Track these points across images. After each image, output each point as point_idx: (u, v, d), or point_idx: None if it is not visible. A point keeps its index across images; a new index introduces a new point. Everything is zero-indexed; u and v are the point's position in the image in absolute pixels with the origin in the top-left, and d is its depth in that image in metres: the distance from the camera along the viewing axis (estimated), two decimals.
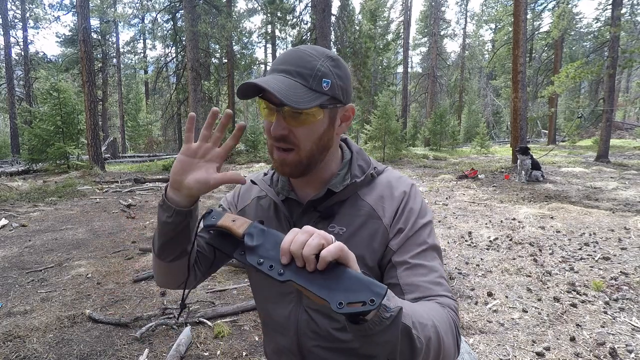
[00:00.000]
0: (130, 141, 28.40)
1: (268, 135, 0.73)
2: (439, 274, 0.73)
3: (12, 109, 20.84)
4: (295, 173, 0.74)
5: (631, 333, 2.43)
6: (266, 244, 0.55)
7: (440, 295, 0.69)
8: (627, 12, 19.04)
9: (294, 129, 0.70)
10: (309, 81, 0.68)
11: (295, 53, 0.71)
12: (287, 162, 0.72)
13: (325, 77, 0.69)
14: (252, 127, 19.90)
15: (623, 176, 9.12)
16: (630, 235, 4.34)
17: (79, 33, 12.12)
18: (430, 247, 0.74)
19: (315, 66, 0.69)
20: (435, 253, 0.75)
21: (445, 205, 6.49)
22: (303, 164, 0.73)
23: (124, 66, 30.63)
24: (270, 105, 0.69)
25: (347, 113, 0.77)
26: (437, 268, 0.73)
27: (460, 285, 3.30)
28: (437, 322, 0.61)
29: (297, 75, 0.68)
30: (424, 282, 0.70)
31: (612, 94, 12.34)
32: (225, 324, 2.66)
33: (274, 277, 0.52)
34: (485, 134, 19.48)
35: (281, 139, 0.70)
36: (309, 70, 0.68)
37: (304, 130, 0.70)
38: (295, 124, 0.69)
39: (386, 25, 31.10)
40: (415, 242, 0.73)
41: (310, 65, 0.69)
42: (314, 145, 0.72)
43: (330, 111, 0.72)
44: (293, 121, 0.69)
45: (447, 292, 0.71)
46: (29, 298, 3.12)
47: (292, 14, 15.79)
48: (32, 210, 6.50)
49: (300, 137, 0.70)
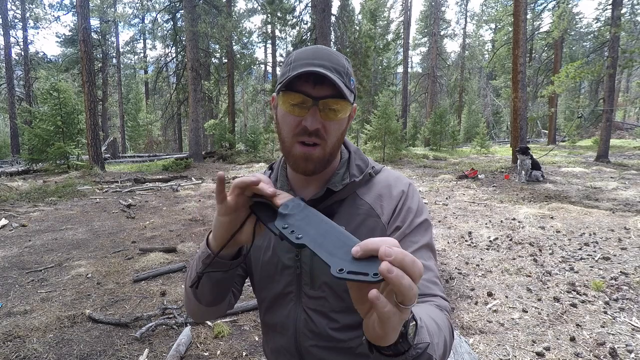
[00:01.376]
0: (130, 141, 28.39)
1: (289, 131, 0.72)
2: (435, 273, 0.73)
3: (12, 109, 20.83)
4: (318, 168, 0.74)
5: (631, 333, 2.43)
6: (297, 215, 0.57)
7: (436, 296, 0.70)
8: (627, 12, 19.03)
9: (326, 123, 0.71)
10: (344, 78, 0.71)
11: (324, 50, 0.72)
12: (313, 157, 0.72)
13: (352, 76, 0.74)
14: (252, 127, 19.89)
15: (623, 176, 9.12)
16: (630, 235, 4.34)
17: (79, 33, 12.11)
18: (425, 245, 0.75)
19: (344, 65, 0.72)
20: (431, 252, 0.76)
21: (445, 205, 6.49)
22: (326, 159, 0.74)
23: (124, 66, 30.60)
24: (307, 100, 0.69)
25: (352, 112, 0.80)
26: (432, 267, 0.74)
27: (460, 285, 3.30)
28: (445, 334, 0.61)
29: (335, 71, 0.69)
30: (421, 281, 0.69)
31: (612, 94, 12.34)
32: (225, 324, 2.66)
33: (292, 241, 0.53)
34: (485, 134, 19.49)
35: (314, 133, 0.70)
36: (343, 68, 0.71)
37: (334, 125, 0.72)
38: (328, 118, 0.71)
39: (386, 25, 31.09)
40: (411, 239, 0.74)
41: (341, 63, 0.71)
42: (337, 141, 0.74)
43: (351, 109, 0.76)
44: (327, 116, 0.70)
45: (442, 293, 0.72)
46: (29, 298, 3.12)
47: (292, 14, 15.78)
48: (32, 210, 6.50)
49: (330, 132, 0.72)
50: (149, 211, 6.57)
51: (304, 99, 0.69)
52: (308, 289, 0.78)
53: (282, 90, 0.71)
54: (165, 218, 6.00)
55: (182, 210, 6.53)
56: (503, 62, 23.50)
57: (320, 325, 0.78)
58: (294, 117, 0.71)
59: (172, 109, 22.33)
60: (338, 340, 0.77)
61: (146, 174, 11.91)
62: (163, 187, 9.21)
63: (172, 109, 22.33)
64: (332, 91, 0.69)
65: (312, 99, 0.69)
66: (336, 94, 0.69)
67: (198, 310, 0.78)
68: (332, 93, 0.69)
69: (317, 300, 0.77)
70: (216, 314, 0.82)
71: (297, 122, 0.71)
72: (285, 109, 0.72)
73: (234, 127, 19.59)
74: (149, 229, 5.32)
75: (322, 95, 0.69)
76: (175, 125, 27.94)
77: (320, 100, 0.69)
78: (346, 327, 0.77)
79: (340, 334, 0.77)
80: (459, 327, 2.62)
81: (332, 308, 0.77)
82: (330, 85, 0.69)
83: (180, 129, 28.80)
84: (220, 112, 22.46)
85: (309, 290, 0.78)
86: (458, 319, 2.73)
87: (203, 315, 0.81)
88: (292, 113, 0.71)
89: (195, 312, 0.80)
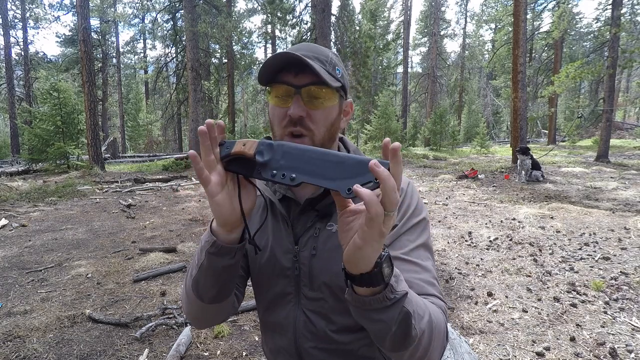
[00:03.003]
0: (130, 141, 28.40)
1: (278, 124, 0.72)
2: (432, 274, 0.72)
3: (12, 109, 20.82)
4: None
5: (631, 333, 2.43)
6: (275, 156, 0.57)
7: (432, 296, 0.69)
8: (627, 12, 19.03)
9: (311, 112, 0.70)
10: (326, 65, 0.71)
11: (306, 44, 0.74)
12: None
13: (337, 66, 0.73)
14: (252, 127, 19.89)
15: (623, 176, 9.12)
16: (630, 235, 4.34)
17: (79, 33, 12.11)
18: (422, 245, 0.74)
19: (328, 55, 0.73)
20: (428, 252, 0.75)
21: (445, 205, 6.49)
22: None
23: (124, 66, 30.62)
24: (290, 89, 0.69)
25: (347, 108, 0.79)
26: (429, 268, 0.73)
27: (460, 285, 3.30)
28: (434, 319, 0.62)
29: (316, 59, 0.70)
30: (417, 280, 0.69)
31: (612, 94, 12.34)
32: (225, 324, 2.66)
33: (288, 183, 0.54)
34: (485, 134, 19.48)
35: (299, 121, 0.70)
36: (325, 57, 0.72)
37: (320, 114, 0.71)
38: (313, 106, 0.70)
39: (386, 25, 31.10)
40: (407, 238, 0.73)
41: (324, 53, 0.73)
42: (327, 132, 0.73)
43: (340, 100, 0.75)
44: (311, 104, 0.70)
45: (439, 294, 0.71)
46: (29, 298, 3.12)
47: (292, 14, 15.78)
48: (32, 210, 6.50)
49: (317, 121, 0.71)
50: (149, 211, 6.57)
51: (287, 88, 0.70)
52: (307, 290, 0.77)
53: (270, 85, 0.72)
54: (165, 218, 6.00)
55: (182, 210, 6.53)
56: (503, 62, 23.51)
57: (319, 326, 0.77)
58: (281, 109, 0.71)
59: (172, 109, 22.31)
60: (338, 343, 0.77)
61: (146, 174, 11.90)
62: (163, 187, 9.21)
63: (172, 109, 22.31)
64: (313, 78, 0.68)
65: (294, 88, 0.69)
66: (317, 81, 0.68)
67: (200, 310, 0.74)
68: (313, 80, 0.68)
69: (316, 301, 0.77)
70: (219, 315, 0.78)
71: (284, 113, 0.71)
72: (273, 103, 0.72)
73: (234, 127, 19.59)
74: (149, 229, 5.32)
75: (304, 83, 0.68)
76: (175, 125, 27.91)
77: (302, 88, 0.68)
78: (345, 329, 0.77)
79: (339, 336, 0.77)
80: (459, 327, 2.62)
81: (331, 309, 0.76)
82: (311, 73, 0.68)
83: (180, 129, 28.79)
84: (220, 112, 22.48)
85: (308, 292, 0.77)
86: (458, 319, 2.73)
87: (206, 316, 0.76)
88: (279, 105, 0.71)
89: (197, 314, 0.76)
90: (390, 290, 0.53)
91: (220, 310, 0.76)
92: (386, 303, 0.53)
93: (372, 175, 0.47)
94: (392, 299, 0.53)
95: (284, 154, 0.56)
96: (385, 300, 0.53)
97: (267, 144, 0.58)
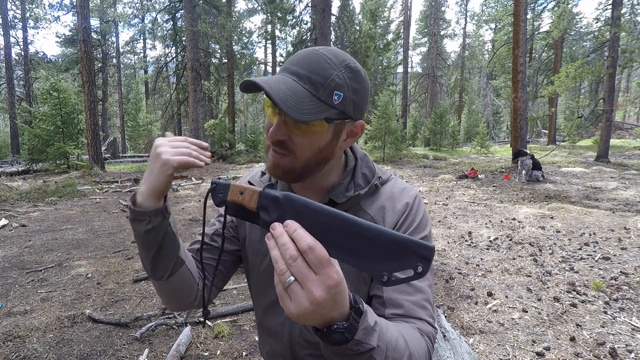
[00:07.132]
0: (130, 141, 28.38)
1: (266, 133, 0.69)
2: (426, 296, 0.69)
3: (12, 109, 20.83)
4: (287, 178, 0.70)
5: (631, 333, 2.43)
6: (285, 216, 0.48)
7: (421, 319, 0.67)
8: (627, 12, 19.03)
9: (294, 136, 0.65)
10: (319, 91, 0.62)
11: (313, 55, 0.64)
12: (280, 165, 0.67)
13: (338, 90, 0.63)
14: (252, 127, 19.87)
15: (623, 176, 9.12)
16: (630, 235, 4.34)
17: (79, 33, 12.11)
18: None
19: (330, 75, 0.62)
20: None
21: (445, 205, 6.49)
22: (296, 171, 0.68)
23: (124, 66, 30.60)
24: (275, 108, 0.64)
25: (356, 129, 0.71)
26: (424, 290, 0.69)
27: (460, 285, 3.30)
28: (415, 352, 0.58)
29: (308, 81, 0.62)
30: (407, 302, 0.67)
31: (612, 94, 12.35)
32: (225, 324, 2.66)
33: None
34: (485, 134, 19.49)
35: (278, 144, 0.66)
36: (322, 79, 0.62)
37: (304, 140, 0.65)
38: (297, 132, 0.64)
39: (386, 25, 31.11)
40: None
41: (325, 73, 0.62)
42: (312, 156, 0.67)
43: (336, 125, 0.67)
44: (294, 129, 0.64)
45: (430, 318, 0.68)
46: (29, 298, 3.12)
47: (292, 14, 15.79)
48: (32, 210, 6.50)
49: (299, 146, 0.66)
50: None
51: (272, 105, 0.65)
52: None
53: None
54: None
55: (182, 210, 6.53)
56: (503, 62, 23.50)
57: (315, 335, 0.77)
58: (270, 122, 0.67)
59: (172, 109, 22.32)
60: None
61: None
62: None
63: (172, 109, 22.32)
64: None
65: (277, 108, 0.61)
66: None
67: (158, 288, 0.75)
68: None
69: None
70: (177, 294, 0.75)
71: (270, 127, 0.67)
72: (266, 113, 0.69)
73: (234, 127, 19.58)
74: None
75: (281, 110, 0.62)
76: (175, 125, 27.88)
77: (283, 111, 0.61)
78: None
79: None
80: (459, 327, 2.62)
81: None
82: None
83: (180, 129, 28.75)
84: (220, 112, 22.47)
85: None
86: (458, 319, 2.73)
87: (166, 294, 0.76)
88: (269, 118, 0.67)
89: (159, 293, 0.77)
90: (357, 343, 0.48)
91: (176, 290, 0.74)
92: (348, 353, 0.49)
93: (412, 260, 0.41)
94: (356, 351, 0.48)
95: (296, 214, 0.48)
96: (347, 350, 0.48)
97: (272, 198, 0.50)
